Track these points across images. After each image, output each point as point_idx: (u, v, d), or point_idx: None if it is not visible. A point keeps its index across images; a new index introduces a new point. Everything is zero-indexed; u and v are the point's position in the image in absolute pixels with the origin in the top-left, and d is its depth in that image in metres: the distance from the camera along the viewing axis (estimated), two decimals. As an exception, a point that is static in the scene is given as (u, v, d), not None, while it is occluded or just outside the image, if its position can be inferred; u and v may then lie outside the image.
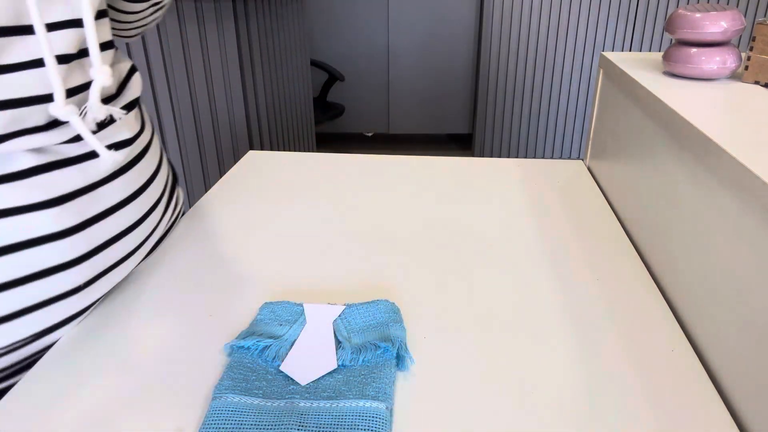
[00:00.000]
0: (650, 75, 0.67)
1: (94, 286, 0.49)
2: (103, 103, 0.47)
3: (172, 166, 0.66)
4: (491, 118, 2.95)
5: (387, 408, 0.38)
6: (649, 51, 1.79)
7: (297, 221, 0.67)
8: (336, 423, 0.37)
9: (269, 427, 0.37)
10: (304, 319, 0.47)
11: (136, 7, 0.55)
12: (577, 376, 0.43)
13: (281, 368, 0.42)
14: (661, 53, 0.74)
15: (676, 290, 0.52)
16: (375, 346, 0.43)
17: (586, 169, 0.83)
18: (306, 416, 0.38)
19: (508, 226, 0.66)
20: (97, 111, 0.43)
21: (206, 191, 0.76)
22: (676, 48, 0.66)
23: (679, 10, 0.65)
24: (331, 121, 2.88)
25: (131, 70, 0.55)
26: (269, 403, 0.39)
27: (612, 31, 2.75)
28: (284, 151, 1.19)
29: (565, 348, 0.46)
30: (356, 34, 3.01)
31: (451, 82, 3.09)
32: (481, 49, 2.80)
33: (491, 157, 1.58)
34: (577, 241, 0.62)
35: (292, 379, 0.41)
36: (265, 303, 0.50)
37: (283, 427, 0.37)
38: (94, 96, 0.43)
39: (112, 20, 0.57)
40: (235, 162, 1.54)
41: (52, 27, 0.41)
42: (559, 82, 2.86)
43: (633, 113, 0.67)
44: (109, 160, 0.46)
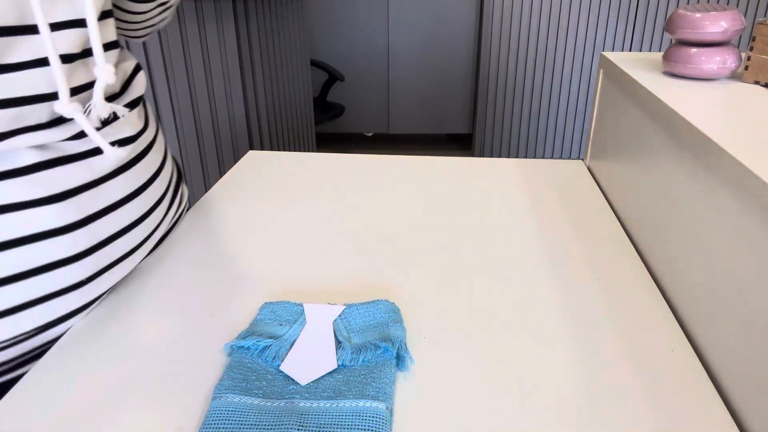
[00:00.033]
0: (650, 75, 0.67)
1: (96, 281, 0.49)
2: (107, 101, 0.48)
3: (177, 164, 0.67)
4: (491, 118, 2.95)
5: (387, 408, 0.38)
6: (649, 51, 1.79)
7: (297, 221, 0.67)
8: (336, 423, 0.37)
9: (269, 427, 0.37)
10: (304, 319, 0.47)
11: (142, 7, 0.56)
12: (577, 376, 0.43)
13: (281, 368, 0.42)
14: (661, 53, 0.74)
15: (676, 290, 0.52)
16: (375, 346, 0.43)
17: (586, 169, 0.83)
18: (306, 416, 0.38)
19: (508, 226, 0.66)
20: (101, 109, 0.44)
21: (206, 191, 0.76)
22: (676, 48, 0.66)
23: (679, 10, 0.65)
24: (331, 121, 2.88)
25: (136, 69, 0.56)
26: (269, 403, 0.39)
27: (612, 31, 2.75)
28: (284, 151, 1.19)
29: (565, 348, 0.46)
30: (356, 34, 3.01)
31: (451, 82, 3.09)
32: (481, 49, 2.80)
33: (491, 157, 1.58)
34: (577, 241, 0.62)
35: (292, 379, 0.41)
36: (265, 303, 0.50)
37: (283, 427, 0.37)
38: (98, 94, 0.44)
39: (120, 21, 0.58)
40: (235, 162, 1.54)
41: (56, 27, 0.42)
42: (559, 82, 2.86)
43: (633, 113, 0.67)
44: (112, 157, 0.46)
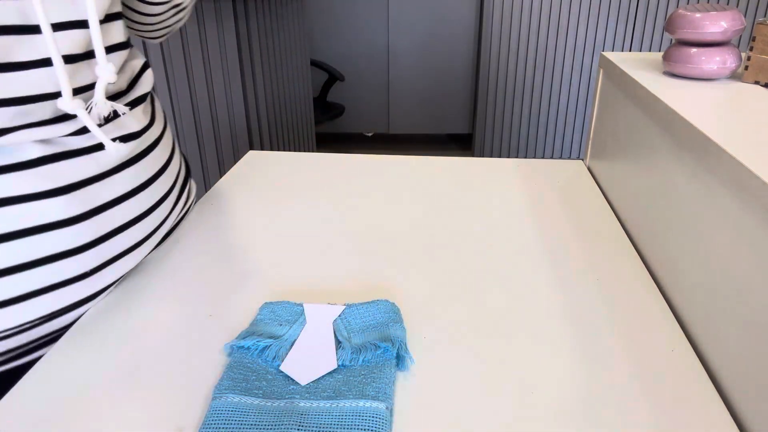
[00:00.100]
0: (650, 75, 0.67)
1: (102, 272, 0.50)
2: (115, 97, 0.51)
3: (186, 160, 0.68)
4: (491, 118, 2.95)
5: (387, 408, 0.38)
6: (649, 51, 1.79)
7: (297, 221, 0.67)
8: (336, 423, 0.37)
9: (269, 427, 0.37)
10: (304, 319, 0.47)
11: (156, 9, 0.57)
12: (577, 376, 0.43)
13: (281, 368, 0.42)
14: (661, 53, 0.74)
15: (676, 290, 0.52)
16: (375, 346, 0.43)
17: (586, 169, 0.83)
18: (306, 416, 0.38)
19: (508, 226, 0.66)
20: (101, 107, 0.45)
21: (206, 191, 0.76)
22: (676, 48, 0.66)
23: (679, 10, 0.65)
24: (331, 121, 2.88)
25: (144, 67, 0.57)
26: (269, 403, 0.39)
27: (612, 31, 2.75)
28: (284, 151, 1.19)
29: (565, 348, 0.46)
30: (356, 34, 3.01)
31: (451, 82, 3.09)
32: (481, 49, 2.80)
33: (491, 157, 1.58)
34: (577, 241, 0.62)
35: (292, 379, 0.41)
36: (265, 303, 0.50)
37: (283, 427, 0.37)
38: (99, 93, 0.45)
39: (135, 22, 0.59)
40: (235, 162, 1.54)
41: (60, 27, 0.43)
42: (559, 82, 2.86)
43: (633, 113, 0.67)
44: (114, 152, 0.48)
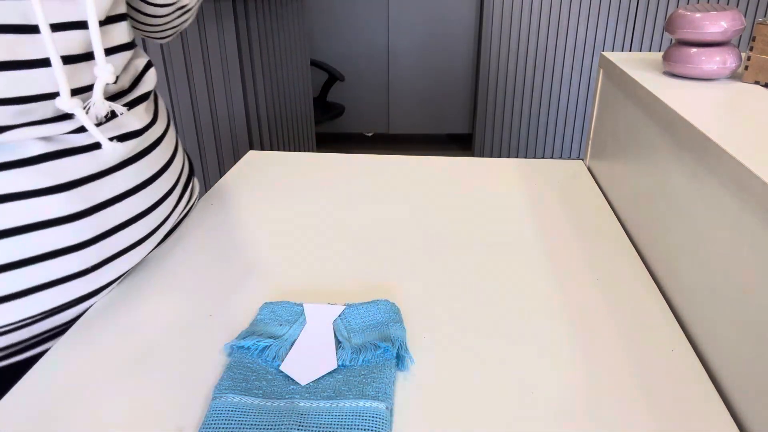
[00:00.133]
0: (650, 75, 0.67)
1: (102, 269, 0.50)
2: (117, 96, 0.51)
3: (189, 159, 0.68)
4: (491, 118, 2.95)
5: (387, 408, 0.38)
6: (649, 51, 1.79)
7: (297, 221, 0.67)
8: (336, 423, 0.37)
9: (269, 427, 0.37)
10: (304, 319, 0.47)
11: (161, 11, 0.57)
12: (577, 377, 0.43)
13: (281, 368, 0.42)
14: (661, 53, 0.74)
15: (676, 290, 0.52)
16: (375, 346, 0.43)
17: (586, 169, 0.83)
18: (306, 416, 0.38)
19: (508, 226, 0.66)
20: (99, 107, 0.45)
21: (206, 191, 0.76)
22: (676, 48, 0.66)
23: (679, 10, 0.65)
24: (331, 121, 2.88)
25: (147, 66, 0.57)
26: (269, 403, 0.39)
27: (612, 31, 2.74)
28: (284, 151, 1.19)
29: (565, 348, 0.46)
30: (356, 34, 3.01)
31: (451, 82, 3.09)
32: (481, 49, 2.80)
33: (491, 157, 1.58)
34: (577, 241, 0.62)
35: (292, 379, 0.41)
36: (265, 303, 0.50)
37: (283, 427, 0.37)
38: (97, 93, 0.45)
39: (141, 23, 0.59)
40: (235, 162, 1.54)
41: (61, 27, 0.43)
42: (559, 82, 2.86)
43: (633, 113, 0.67)
44: (110, 151, 0.48)
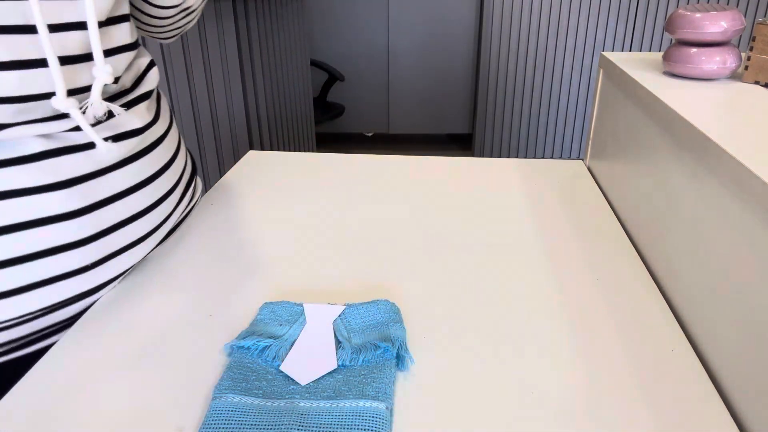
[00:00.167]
0: (650, 75, 0.67)
1: (102, 267, 0.51)
2: (118, 95, 0.51)
3: (192, 158, 0.68)
4: (491, 118, 2.95)
5: (387, 408, 0.38)
6: (649, 51, 1.79)
7: (297, 221, 0.67)
8: (336, 423, 0.37)
9: (269, 427, 0.37)
10: (304, 319, 0.47)
11: (166, 13, 0.58)
12: (577, 376, 0.43)
13: (281, 368, 0.42)
14: (661, 53, 0.74)
15: (676, 290, 0.52)
16: (375, 346, 0.43)
17: (586, 169, 0.83)
18: (306, 416, 0.38)
19: (508, 226, 0.66)
20: (97, 107, 0.46)
21: (206, 191, 0.76)
22: (676, 48, 0.66)
23: (679, 10, 0.65)
24: (331, 121, 2.88)
25: (150, 65, 0.58)
26: (269, 403, 0.39)
27: (612, 31, 2.74)
28: (284, 151, 1.19)
29: (565, 348, 0.46)
30: (356, 34, 3.01)
31: (451, 82, 3.09)
32: (481, 49, 2.80)
33: (491, 157, 1.58)
34: (577, 241, 0.62)
35: (292, 379, 0.41)
36: (265, 303, 0.50)
37: (283, 427, 0.37)
38: (95, 93, 0.45)
39: (145, 24, 0.60)
40: (235, 162, 1.54)
41: (61, 28, 0.43)
42: (559, 82, 2.86)
43: (633, 113, 0.67)
44: (105, 151, 0.48)
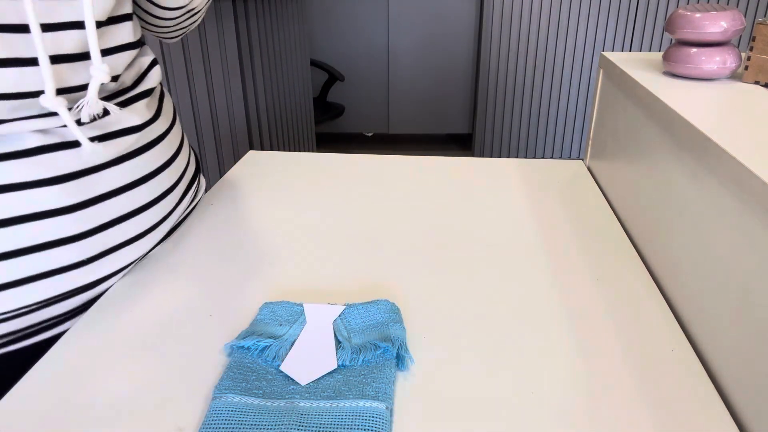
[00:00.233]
0: (650, 75, 0.67)
1: (100, 262, 0.51)
2: (118, 94, 0.52)
3: (197, 157, 0.68)
4: (491, 118, 2.95)
5: (387, 408, 0.38)
6: (649, 51, 1.79)
7: (297, 221, 0.67)
8: (336, 423, 0.37)
9: (269, 427, 0.37)
10: (304, 319, 0.47)
11: (171, 14, 0.58)
12: (577, 376, 0.43)
13: (281, 368, 0.42)
14: (661, 53, 0.74)
15: (676, 290, 0.52)
16: (375, 346, 0.43)
17: (586, 169, 0.83)
18: (306, 416, 0.38)
19: (508, 226, 0.66)
20: (93, 106, 0.46)
21: (206, 191, 0.76)
22: (676, 48, 0.66)
23: (679, 10, 0.65)
24: (331, 121, 2.88)
25: (152, 63, 0.58)
26: (269, 403, 0.39)
27: (612, 31, 2.74)
28: (284, 151, 1.19)
29: (565, 348, 0.46)
30: (356, 34, 3.01)
31: (451, 82, 3.09)
32: (481, 49, 2.80)
33: (491, 157, 1.58)
34: (577, 241, 0.62)
35: (292, 379, 0.41)
36: (265, 303, 0.50)
37: (283, 427, 0.37)
38: (92, 92, 0.45)
39: (150, 24, 0.61)
40: (235, 162, 1.54)
41: (58, 27, 0.43)
42: (559, 82, 2.86)
43: (633, 113, 0.67)
44: (89, 151, 0.48)
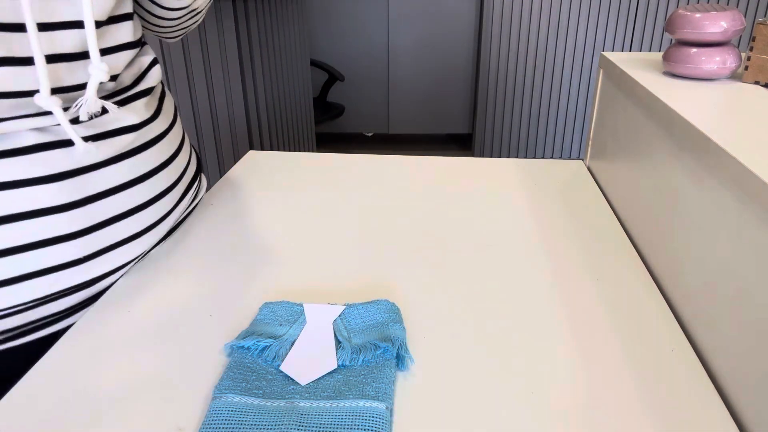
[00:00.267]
0: (650, 75, 0.67)
1: (97, 260, 0.51)
2: (118, 93, 0.52)
3: (198, 157, 0.68)
4: (491, 118, 2.95)
5: (387, 408, 0.38)
6: (649, 51, 1.79)
7: (297, 221, 0.67)
8: (336, 423, 0.37)
9: (269, 427, 0.37)
10: (304, 319, 0.47)
11: (173, 14, 0.59)
12: (577, 377, 0.43)
13: (281, 368, 0.42)
14: (661, 53, 0.74)
15: (676, 290, 0.52)
16: (375, 346, 0.43)
17: (586, 169, 0.83)
18: (306, 416, 0.38)
19: (508, 226, 0.66)
20: (91, 104, 0.46)
21: (206, 191, 0.76)
22: (676, 48, 0.66)
23: (679, 10, 0.65)
24: (331, 121, 2.88)
25: (153, 62, 0.58)
26: (269, 403, 0.39)
27: (612, 31, 2.74)
28: (284, 151, 1.19)
29: (565, 348, 0.46)
30: (356, 34, 3.01)
31: (451, 82, 3.09)
32: (481, 49, 2.80)
33: (491, 157, 1.58)
34: (577, 241, 0.62)
35: (292, 379, 0.41)
36: (265, 303, 0.50)
37: (283, 427, 0.37)
38: (90, 91, 0.46)
39: (152, 24, 0.61)
40: (235, 162, 1.54)
41: (57, 26, 0.44)
42: (559, 82, 2.86)
43: (633, 113, 0.67)
44: (83, 150, 0.48)
